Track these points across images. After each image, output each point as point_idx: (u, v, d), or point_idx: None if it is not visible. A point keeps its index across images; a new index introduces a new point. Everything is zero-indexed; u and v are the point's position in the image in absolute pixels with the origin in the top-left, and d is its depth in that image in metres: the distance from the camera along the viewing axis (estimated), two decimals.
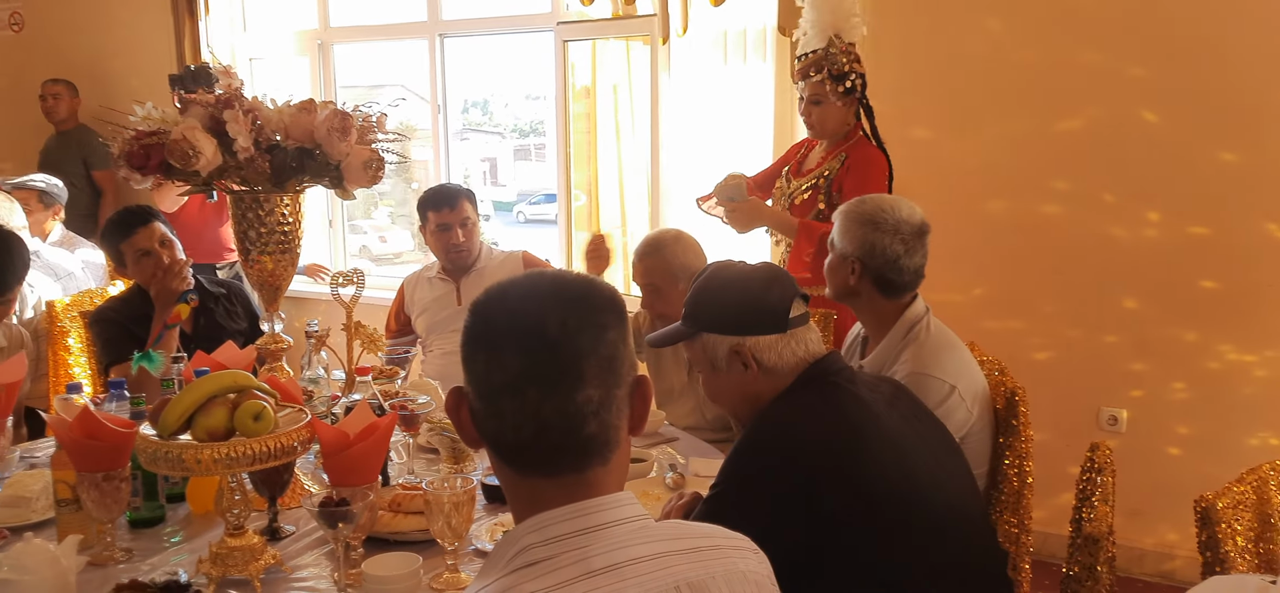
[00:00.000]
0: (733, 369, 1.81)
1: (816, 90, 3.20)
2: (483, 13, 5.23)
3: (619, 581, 1.03)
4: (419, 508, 1.95)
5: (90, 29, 5.79)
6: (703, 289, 1.88)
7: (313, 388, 2.38)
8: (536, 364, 1.06)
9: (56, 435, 1.97)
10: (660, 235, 3.02)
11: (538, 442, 1.07)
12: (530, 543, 1.05)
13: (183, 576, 1.81)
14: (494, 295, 1.13)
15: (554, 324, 1.06)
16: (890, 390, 1.90)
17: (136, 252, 3.03)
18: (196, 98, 2.12)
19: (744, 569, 1.14)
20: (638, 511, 1.11)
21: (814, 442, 1.66)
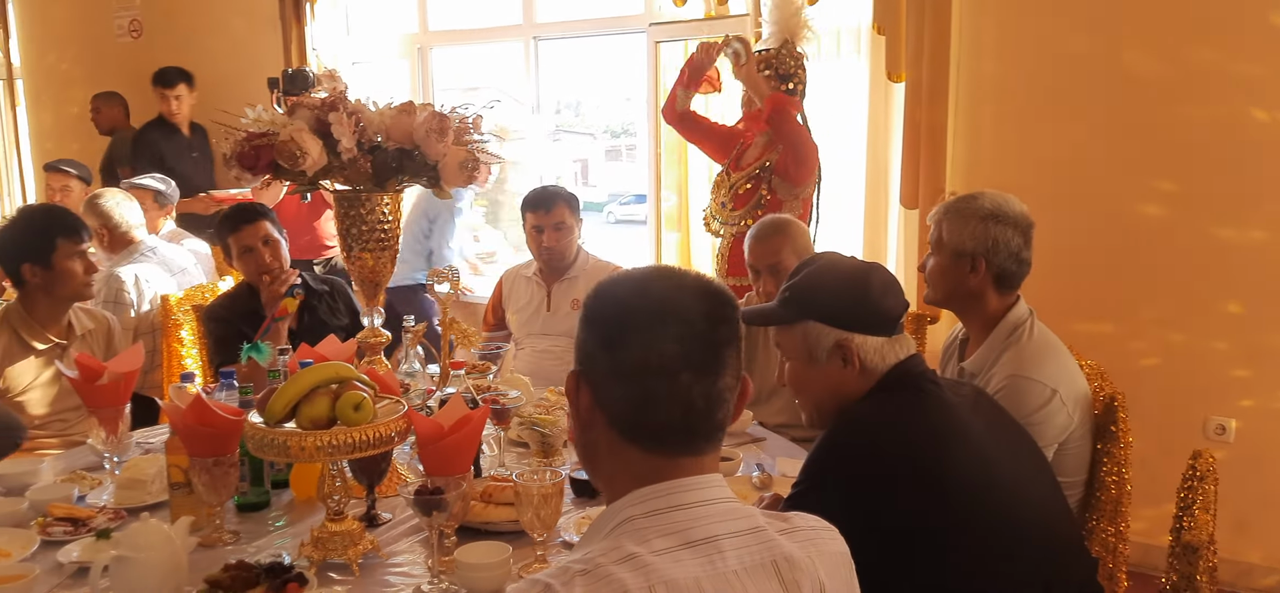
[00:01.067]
0: (831, 363, 1.79)
1: (767, 83, 3.57)
2: (576, 15, 5.30)
3: (716, 552, 1.10)
4: (509, 499, 2.00)
5: (203, 34, 6.04)
6: (815, 276, 1.85)
7: (409, 381, 2.45)
8: (692, 351, 1.14)
9: (171, 422, 2.07)
10: (778, 220, 3.03)
11: (682, 423, 1.14)
12: (631, 514, 1.12)
13: (286, 558, 1.88)
14: (630, 285, 1.21)
15: (702, 315, 1.15)
16: (971, 394, 1.87)
17: (241, 247, 3.17)
18: (303, 101, 2.21)
19: (835, 550, 1.20)
20: (729, 492, 1.17)
21: (898, 442, 1.66)
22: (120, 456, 2.43)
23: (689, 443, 1.16)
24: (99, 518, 2.10)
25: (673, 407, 1.13)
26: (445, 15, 5.66)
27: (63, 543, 2.00)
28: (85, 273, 2.85)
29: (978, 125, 3.82)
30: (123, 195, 4.06)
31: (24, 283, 2.81)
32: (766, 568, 1.12)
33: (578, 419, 1.21)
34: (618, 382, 1.15)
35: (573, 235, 3.60)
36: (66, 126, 6.75)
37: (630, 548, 1.07)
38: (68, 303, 2.88)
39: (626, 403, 1.15)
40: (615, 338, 1.16)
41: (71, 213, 2.99)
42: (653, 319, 1.15)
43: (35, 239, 2.79)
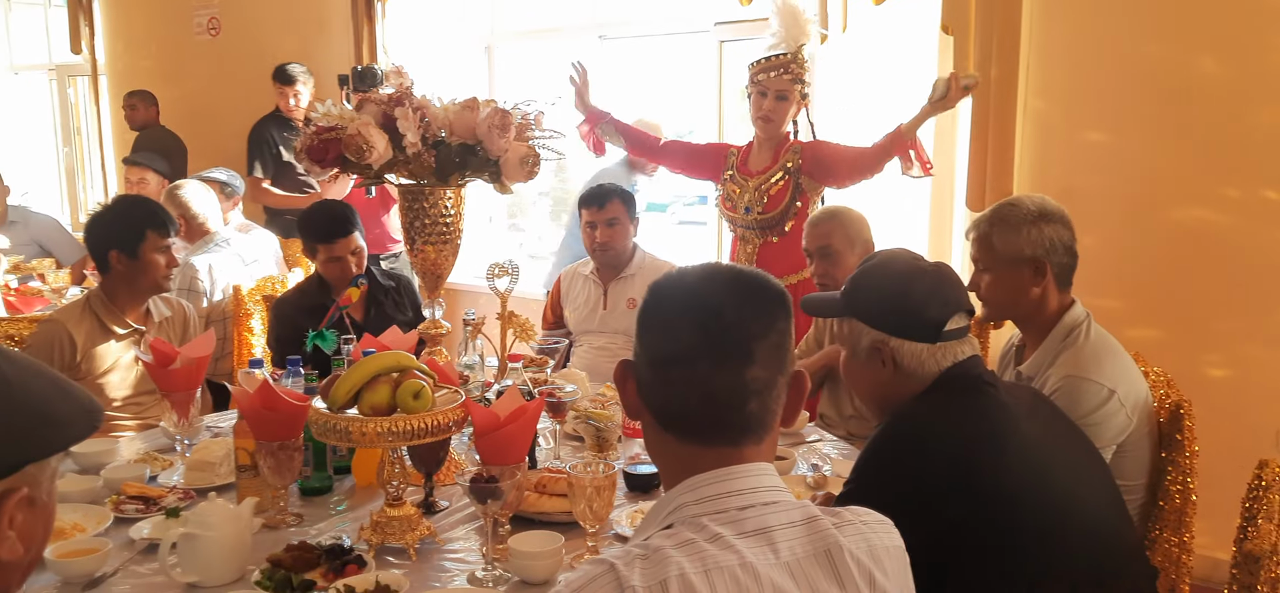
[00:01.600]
0: (871, 363, 1.79)
1: (786, 87, 3.57)
2: (642, 15, 5.32)
3: (769, 542, 1.11)
4: (563, 490, 2.03)
5: (279, 32, 6.19)
6: (865, 274, 1.85)
7: (468, 373, 2.49)
8: (709, 339, 1.14)
9: (239, 407, 2.14)
10: (835, 206, 3.12)
11: (702, 411, 1.15)
12: (684, 502, 1.14)
13: (346, 541, 1.93)
14: (673, 276, 1.23)
15: (730, 305, 1.15)
16: (1030, 398, 1.85)
17: (331, 256, 3.25)
18: (371, 96, 2.26)
19: (888, 544, 1.19)
20: (780, 481, 1.18)
21: (949, 444, 1.64)
22: (191, 438, 2.51)
23: (718, 434, 1.15)
24: (169, 497, 2.18)
25: (691, 396, 1.14)
26: (513, 15, 5.72)
27: (134, 520, 2.07)
28: (166, 266, 2.95)
29: (1046, 128, 3.75)
30: (201, 187, 4.19)
31: (109, 269, 2.91)
32: (819, 558, 1.12)
33: (627, 408, 1.24)
34: (648, 369, 1.18)
35: (626, 231, 3.61)
36: None
37: (687, 535, 1.09)
38: (148, 293, 2.98)
39: (657, 392, 1.18)
40: (644, 325, 1.19)
41: (162, 208, 3.09)
42: (678, 307, 1.17)
43: (126, 229, 2.89)
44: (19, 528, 1.03)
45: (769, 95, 3.56)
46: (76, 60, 7.33)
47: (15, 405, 1.03)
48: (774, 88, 3.56)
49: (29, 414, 1.04)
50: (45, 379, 1.08)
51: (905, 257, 1.87)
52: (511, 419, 1.92)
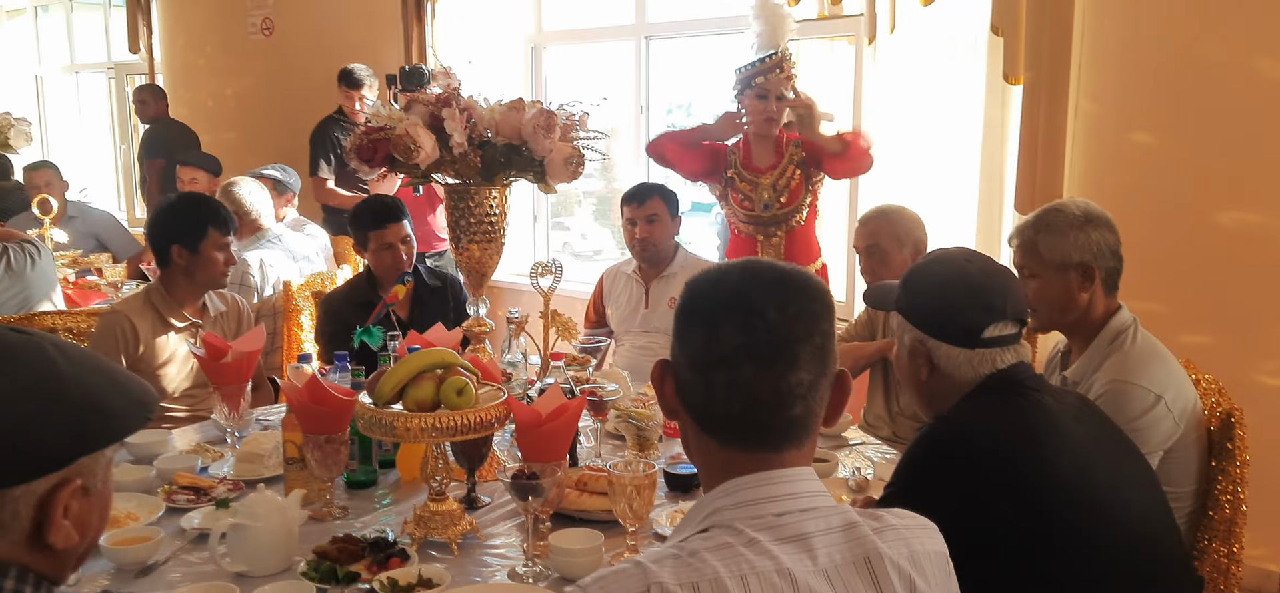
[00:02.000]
0: (912, 360, 1.80)
1: (785, 86, 3.59)
2: (688, 15, 5.32)
3: (806, 548, 1.09)
4: (603, 489, 2.04)
5: (330, 32, 6.29)
6: (915, 271, 1.86)
7: (511, 370, 2.51)
8: (755, 341, 1.11)
9: (288, 400, 2.18)
10: (887, 204, 3.12)
11: (746, 415, 1.12)
12: (722, 506, 1.12)
13: (390, 534, 1.96)
14: (713, 275, 1.20)
15: (774, 306, 1.12)
16: (1076, 403, 1.83)
17: (382, 243, 3.31)
18: (419, 97, 2.29)
19: (930, 549, 1.17)
20: (820, 486, 1.16)
21: (990, 447, 1.63)
22: (241, 430, 2.56)
23: (759, 438, 1.14)
24: (219, 488, 2.22)
25: (734, 399, 1.12)
26: (559, 15, 5.76)
27: (185, 510, 2.12)
28: (225, 263, 3.02)
29: (1098, 130, 3.69)
30: (255, 184, 4.28)
31: (170, 263, 2.99)
32: (857, 564, 1.10)
33: (665, 408, 1.22)
34: (688, 371, 1.16)
35: (667, 229, 3.61)
36: (200, 120, 7.12)
37: (724, 538, 1.09)
38: (205, 288, 3.05)
39: (698, 393, 1.15)
40: (684, 327, 1.16)
41: (224, 207, 3.15)
42: (722, 308, 1.14)
43: (189, 224, 2.96)
44: (73, 516, 1.07)
45: (770, 97, 3.57)
46: (134, 59, 7.50)
47: (69, 400, 1.06)
48: (774, 89, 3.56)
49: (82, 408, 1.07)
50: (99, 373, 1.11)
51: (958, 257, 1.84)
52: (553, 417, 1.94)
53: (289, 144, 6.32)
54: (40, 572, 1.07)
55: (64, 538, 1.06)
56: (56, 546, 1.06)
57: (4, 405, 1.02)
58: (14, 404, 1.03)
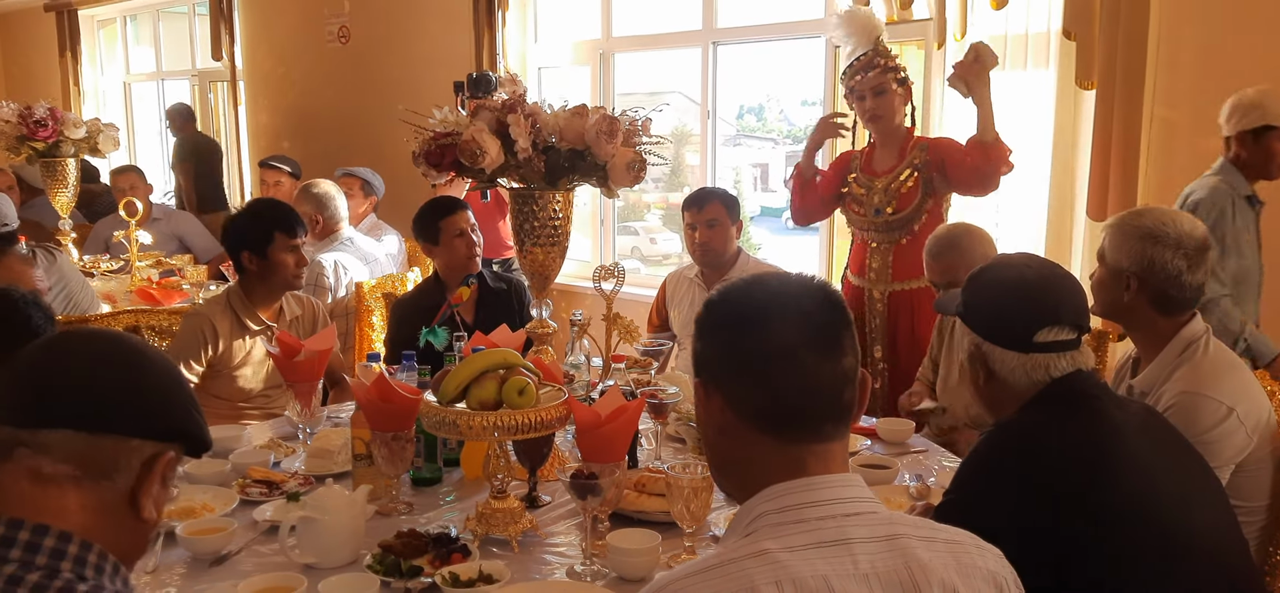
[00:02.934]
0: (971, 365, 1.80)
1: (879, 80, 3.53)
2: (756, 20, 5.32)
3: (847, 554, 1.10)
4: (662, 490, 2.06)
5: (403, 40, 6.43)
6: (975, 276, 1.85)
7: (574, 372, 2.55)
8: (809, 331, 1.19)
9: (356, 398, 2.24)
10: (953, 232, 2.98)
11: (809, 403, 1.18)
12: (765, 511, 1.15)
13: (453, 531, 2.00)
14: (745, 284, 1.25)
15: (810, 301, 1.21)
16: (1141, 413, 1.80)
17: (454, 231, 3.40)
18: (486, 103, 2.34)
19: (981, 565, 1.17)
20: (867, 492, 1.18)
21: (1051, 458, 1.61)
22: (312, 427, 2.64)
23: (818, 426, 1.18)
24: (291, 482, 2.29)
25: (800, 387, 1.17)
26: (628, 21, 5.80)
27: (258, 503, 2.20)
28: (295, 266, 3.10)
29: (1173, 137, 3.60)
30: (334, 186, 4.40)
31: (243, 269, 3.09)
32: (898, 573, 1.10)
33: (710, 426, 1.24)
34: (745, 375, 1.19)
35: (727, 233, 3.60)
36: (280, 125, 7.33)
37: (764, 544, 1.10)
38: (280, 291, 3.14)
39: (757, 392, 1.18)
40: (736, 335, 1.21)
41: (292, 211, 3.24)
42: (769, 309, 1.20)
43: (255, 231, 3.06)
44: (156, 495, 1.18)
45: (867, 96, 3.55)
46: (217, 66, 7.74)
47: (180, 383, 1.22)
48: (869, 86, 3.55)
49: (187, 397, 1.21)
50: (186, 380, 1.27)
51: (1018, 262, 1.84)
52: (612, 418, 1.97)
53: (362, 150, 6.47)
54: (116, 553, 1.15)
55: (150, 509, 1.17)
56: (144, 512, 1.16)
57: (148, 364, 1.18)
58: (155, 367, 1.19)
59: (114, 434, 1.13)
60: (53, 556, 1.09)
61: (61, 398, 1.12)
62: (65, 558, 1.09)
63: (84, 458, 1.12)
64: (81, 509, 1.12)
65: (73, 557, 1.10)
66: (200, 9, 8.24)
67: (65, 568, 1.09)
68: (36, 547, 1.09)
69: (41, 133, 4.85)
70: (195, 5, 8.39)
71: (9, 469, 1.12)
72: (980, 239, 2.93)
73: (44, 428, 1.11)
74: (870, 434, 2.71)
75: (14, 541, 1.09)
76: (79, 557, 1.11)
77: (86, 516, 1.12)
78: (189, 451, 1.22)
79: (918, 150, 3.54)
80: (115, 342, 1.20)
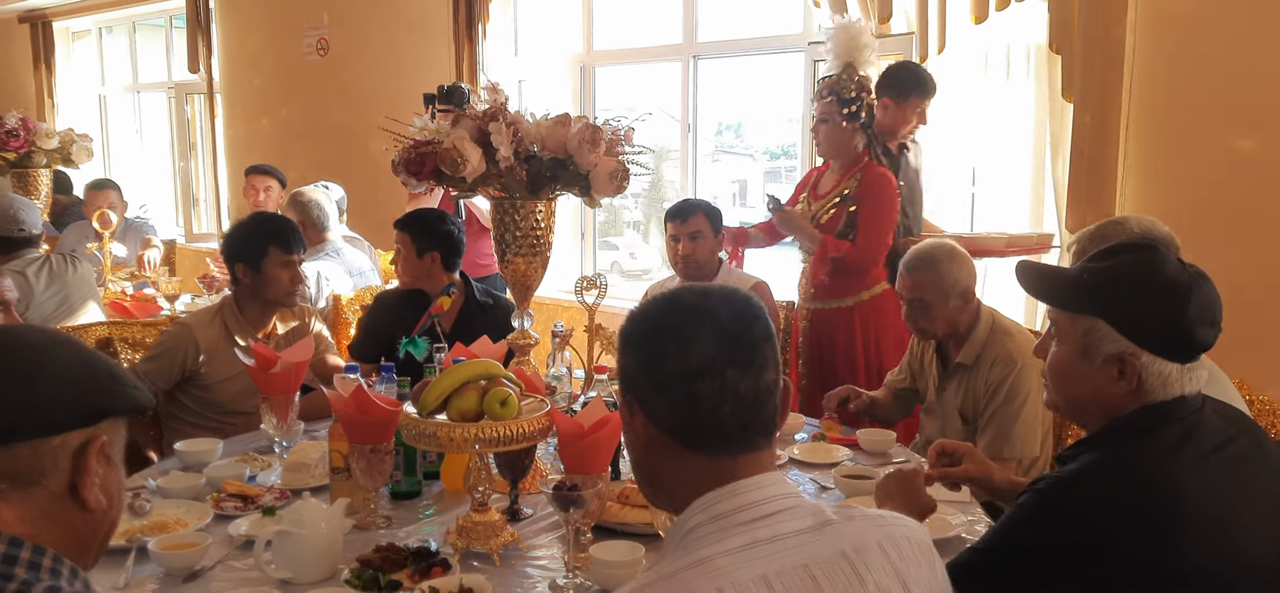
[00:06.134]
0: (1105, 370, 1.57)
1: (826, 109, 3.58)
2: (736, 35, 5.32)
3: (783, 549, 1.11)
4: (644, 502, 2.03)
5: (383, 52, 6.40)
6: (1127, 274, 1.59)
7: (556, 384, 2.52)
8: (730, 347, 1.17)
9: (335, 410, 2.20)
10: (934, 250, 2.88)
11: (733, 418, 1.17)
12: (698, 523, 1.15)
13: (433, 545, 1.97)
14: (665, 299, 1.24)
15: (735, 315, 1.19)
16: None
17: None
18: (468, 112, 2.32)
19: (907, 535, 1.20)
20: (791, 488, 1.19)
21: (1111, 513, 1.49)
22: (289, 440, 2.59)
23: (745, 439, 1.18)
24: (266, 496, 2.25)
25: (722, 404, 1.16)
26: (609, 35, 5.79)
27: (233, 518, 2.15)
28: (290, 282, 3.05)
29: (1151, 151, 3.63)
30: (323, 194, 4.36)
31: (238, 282, 3.04)
32: (836, 560, 1.13)
33: (635, 442, 1.24)
34: (666, 393, 1.19)
35: (710, 245, 3.60)
36: (257, 138, 7.27)
37: (701, 553, 1.11)
38: (273, 307, 3.09)
39: (679, 410, 1.18)
40: (654, 352, 1.20)
41: (291, 226, 3.17)
42: (686, 326, 1.19)
43: (250, 244, 3.02)
44: (102, 480, 1.15)
45: (815, 120, 3.64)
46: (194, 79, 7.68)
47: (93, 362, 1.17)
48: (818, 114, 3.61)
49: (104, 371, 1.17)
50: (102, 354, 1.23)
51: (1170, 262, 1.59)
52: (595, 429, 1.94)
53: (342, 162, 6.43)
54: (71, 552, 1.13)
55: (95, 496, 1.14)
56: (89, 502, 1.13)
57: (51, 358, 1.13)
58: (56, 358, 1.14)
59: (23, 441, 1.10)
60: (4, 562, 1.06)
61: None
62: (17, 563, 1.07)
63: (3, 472, 1.09)
64: (21, 520, 1.10)
65: (25, 562, 1.08)
66: (177, 21, 8.17)
67: (18, 573, 1.07)
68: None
69: (13, 143, 4.79)
70: (172, 17, 8.32)
71: None
72: (961, 263, 2.80)
73: None
74: (851, 444, 2.70)
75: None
76: (32, 561, 1.08)
77: (28, 525, 1.10)
78: (127, 417, 1.20)
79: (851, 181, 3.59)
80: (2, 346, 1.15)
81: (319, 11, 6.75)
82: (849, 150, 3.59)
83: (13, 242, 3.86)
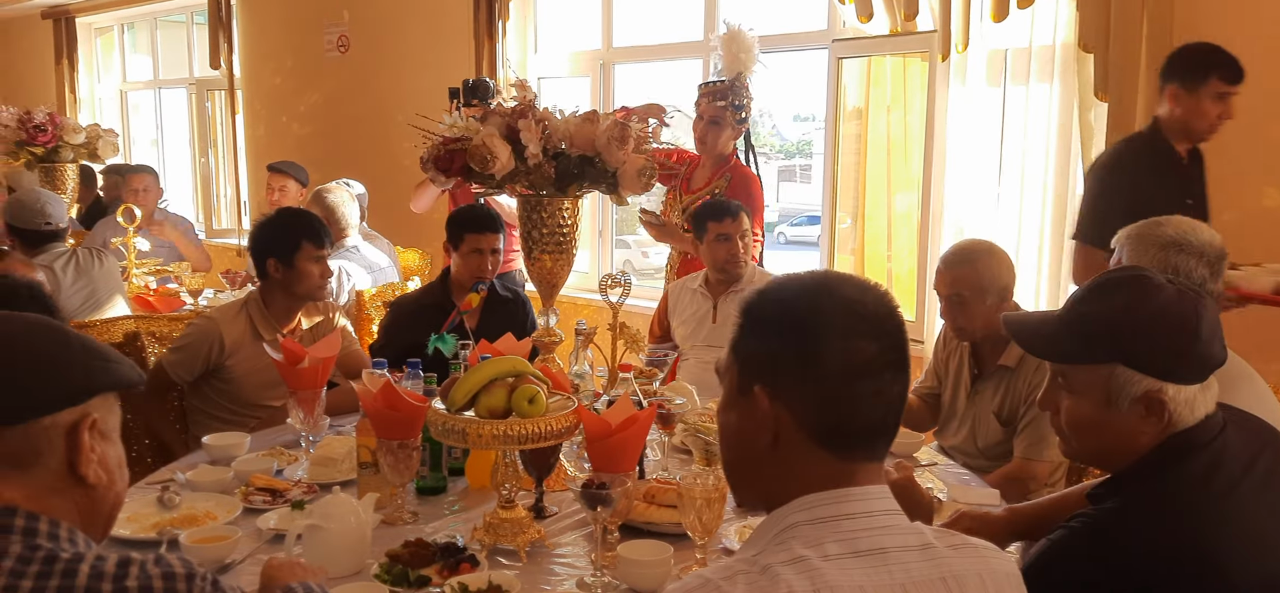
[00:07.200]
0: (1132, 411, 1.51)
1: (718, 113, 3.99)
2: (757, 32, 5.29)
3: (883, 564, 1.08)
4: (672, 501, 2.03)
5: (403, 49, 6.41)
6: (1133, 314, 1.51)
7: (579, 382, 2.52)
8: (892, 347, 1.13)
9: (363, 405, 2.21)
10: (973, 246, 2.87)
11: (881, 423, 1.14)
12: (797, 520, 1.11)
13: (460, 541, 1.98)
14: (816, 289, 1.17)
15: (888, 313, 1.14)
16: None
17: (474, 247, 3.36)
18: (497, 109, 2.32)
19: (1005, 570, 1.16)
20: (895, 505, 1.15)
21: (1150, 558, 1.44)
22: (315, 435, 2.61)
23: (875, 446, 1.15)
24: (294, 491, 2.26)
25: (876, 407, 1.12)
26: (629, 32, 5.79)
27: (262, 511, 2.16)
28: (320, 277, 3.07)
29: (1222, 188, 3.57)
30: (345, 193, 4.38)
31: (267, 276, 3.06)
32: (934, 584, 1.09)
33: (748, 429, 1.16)
34: (820, 388, 1.12)
35: (752, 246, 3.67)
36: (277, 134, 7.30)
37: (799, 551, 1.07)
38: (301, 302, 3.11)
39: (831, 408, 1.12)
40: (814, 343, 1.12)
41: (320, 221, 3.21)
42: (851, 320, 1.12)
43: (284, 238, 3.03)
44: (99, 456, 1.19)
45: (704, 119, 3.94)
46: (215, 75, 7.72)
47: (74, 343, 1.21)
48: (708, 113, 3.94)
49: (87, 351, 1.21)
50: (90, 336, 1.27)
51: (1166, 287, 1.54)
52: (623, 427, 1.94)
53: (362, 158, 6.45)
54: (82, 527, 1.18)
55: (94, 471, 1.19)
56: (88, 477, 1.18)
57: (27, 344, 1.18)
58: (33, 342, 1.18)
59: (12, 424, 1.14)
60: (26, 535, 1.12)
61: None
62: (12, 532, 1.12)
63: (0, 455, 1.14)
64: (27, 499, 1.14)
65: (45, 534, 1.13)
66: (199, 17, 8.21)
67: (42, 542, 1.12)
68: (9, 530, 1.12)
69: (41, 138, 4.83)
70: (193, 14, 8.37)
71: None
72: (1001, 261, 2.77)
73: None
74: None
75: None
76: (50, 533, 1.14)
77: (35, 503, 1.15)
78: (114, 391, 1.23)
79: (722, 179, 3.96)
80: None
81: (339, 9, 6.78)
82: (724, 149, 4.04)
83: (41, 235, 3.89)
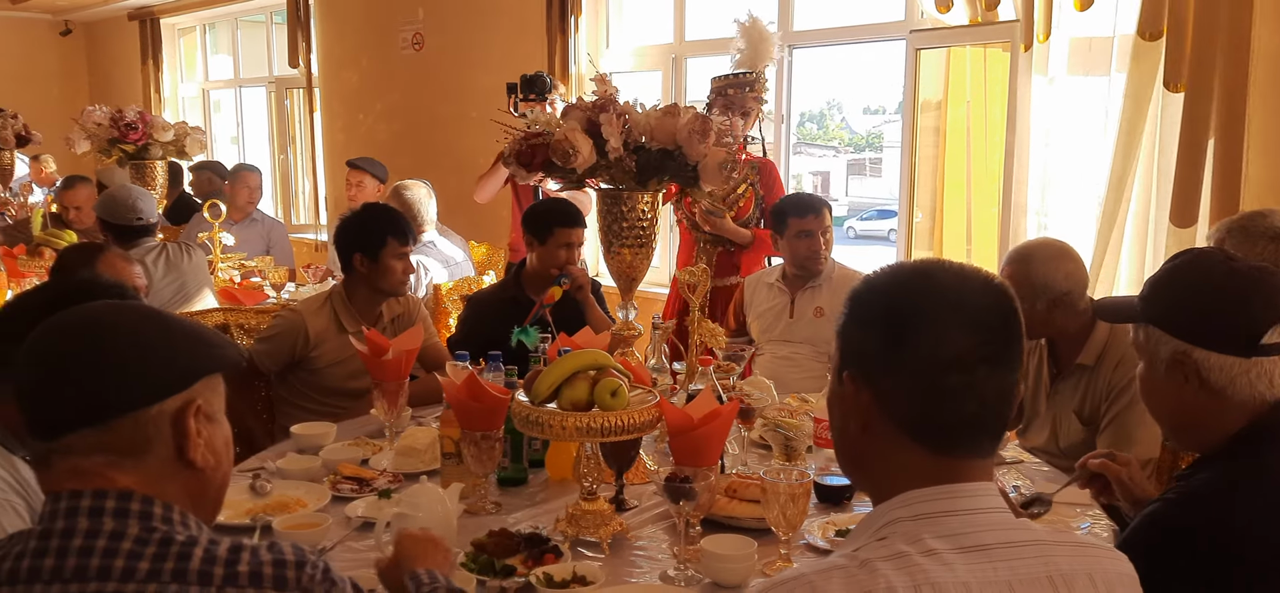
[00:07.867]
0: (1171, 378, 1.57)
1: (749, 104, 4.07)
2: (834, 23, 5.25)
3: (988, 560, 1.06)
4: (755, 496, 2.03)
5: (476, 46, 6.48)
6: (1169, 273, 1.62)
7: (656, 375, 2.53)
8: (990, 341, 1.09)
9: (447, 396, 2.24)
10: (1034, 246, 2.79)
11: (975, 419, 1.10)
12: (899, 516, 1.09)
13: (543, 531, 2.00)
14: (913, 276, 1.16)
15: (993, 305, 1.10)
16: None
17: (562, 240, 3.38)
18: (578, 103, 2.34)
19: (1118, 570, 1.13)
20: (1002, 503, 1.12)
21: (1246, 532, 1.42)
22: (398, 425, 2.65)
23: (977, 443, 1.11)
24: (380, 479, 2.31)
25: (968, 402, 1.08)
26: (701, 25, 5.78)
27: (350, 499, 2.21)
28: (403, 273, 3.14)
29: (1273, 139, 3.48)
30: (423, 189, 4.46)
31: (352, 270, 3.13)
32: (1040, 582, 1.07)
33: (851, 419, 1.14)
34: (907, 378, 1.09)
35: (831, 240, 3.65)
36: (354, 131, 7.43)
37: (900, 547, 1.05)
38: (384, 296, 3.18)
39: (918, 400, 1.09)
40: (903, 332, 1.10)
41: (403, 218, 3.27)
42: (944, 310, 1.09)
43: (370, 234, 3.10)
44: (206, 439, 1.22)
45: (736, 110, 3.96)
46: (293, 73, 7.89)
47: (176, 330, 1.23)
48: (738, 104, 3.99)
49: (189, 337, 1.23)
50: (185, 320, 1.30)
51: (1219, 256, 1.62)
52: (706, 421, 1.94)
53: (436, 154, 6.54)
54: (190, 507, 1.21)
55: (202, 455, 1.21)
56: (197, 461, 1.20)
57: (132, 334, 1.19)
58: (138, 333, 1.20)
59: (122, 415, 1.16)
60: (117, 516, 1.15)
61: (58, 405, 1.16)
62: (129, 516, 1.15)
63: (108, 445, 1.16)
64: (140, 485, 1.17)
65: (159, 517, 1.16)
66: (277, 18, 8.41)
67: (158, 525, 1.15)
68: (126, 513, 1.15)
69: (131, 136, 4.99)
70: (273, 14, 8.57)
71: (53, 475, 1.18)
72: (1058, 266, 2.63)
73: (60, 435, 1.16)
74: None
75: (111, 511, 1.15)
76: (165, 516, 1.16)
77: (148, 489, 1.18)
78: (219, 374, 1.25)
79: (750, 169, 4.03)
80: (84, 329, 1.20)
81: (414, 6, 6.87)
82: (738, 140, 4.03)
83: (132, 231, 4.02)
